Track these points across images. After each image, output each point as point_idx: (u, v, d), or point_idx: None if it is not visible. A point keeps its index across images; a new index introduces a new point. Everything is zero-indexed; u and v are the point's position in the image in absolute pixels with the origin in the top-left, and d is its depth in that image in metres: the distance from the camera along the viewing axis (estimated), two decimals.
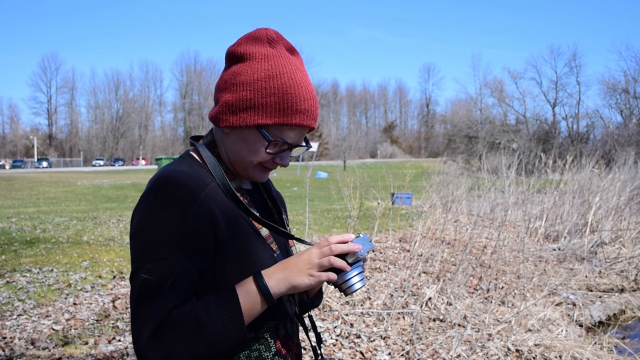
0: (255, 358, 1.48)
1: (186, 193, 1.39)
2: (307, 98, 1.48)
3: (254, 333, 1.47)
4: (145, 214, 1.40)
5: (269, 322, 1.50)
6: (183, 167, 1.49)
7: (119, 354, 5.04)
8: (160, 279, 1.32)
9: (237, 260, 1.44)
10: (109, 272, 7.89)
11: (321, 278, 1.38)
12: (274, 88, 1.45)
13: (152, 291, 1.32)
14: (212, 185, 1.46)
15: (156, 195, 1.40)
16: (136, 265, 1.37)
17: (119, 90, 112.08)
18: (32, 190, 26.79)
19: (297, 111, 1.47)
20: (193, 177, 1.44)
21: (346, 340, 5.59)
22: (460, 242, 9.44)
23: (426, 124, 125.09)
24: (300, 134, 1.52)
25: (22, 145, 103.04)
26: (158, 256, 1.34)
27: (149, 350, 1.28)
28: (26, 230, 11.29)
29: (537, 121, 63.53)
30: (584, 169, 15.27)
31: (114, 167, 74.07)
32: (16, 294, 6.65)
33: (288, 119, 1.46)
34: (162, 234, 1.35)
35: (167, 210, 1.37)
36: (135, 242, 1.40)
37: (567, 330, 6.42)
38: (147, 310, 1.31)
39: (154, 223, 1.37)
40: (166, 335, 1.29)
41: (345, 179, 10.17)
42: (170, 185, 1.41)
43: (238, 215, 1.49)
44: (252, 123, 1.46)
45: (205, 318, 1.31)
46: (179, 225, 1.36)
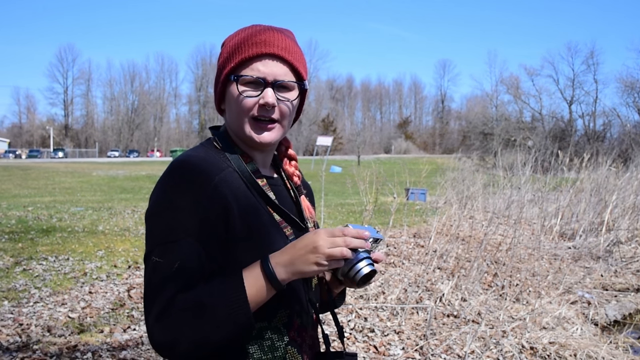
0: (268, 347, 1.47)
1: (199, 177, 1.40)
2: (267, 32, 1.51)
3: (266, 322, 1.46)
4: (158, 197, 1.41)
5: (282, 311, 1.49)
6: (199, 152, 1.50)
7: (134, 342, 5.07)
8: (170, 262, 1.33)
9: (250, 246, 1.43)
10: (124, 261, 7.94)
11: (330, 267, 1.35)
12: (232, 42, 1.54)
13: (161, 274, 1.34)
14: (227, 170, 1.47)
15: (170, 179, 1.42)
16: (148, 247, 1.39)
17: (134, 82, 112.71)
18: (48, 180, 27.02)
19: (254, 43, 1.49)
20: (208, 162, 1.45)
21: (360, 334, 5.59)
22: (475, 238, 9.40)
23: (441, 120, 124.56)
24: (271, 65, 1.50)
25: (39, 136, 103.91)
26: (169, 239, 1.35)
27: (155, 332, 1.31)
28: (42, 219, 11.38)
29: (553, 119, 63.08)
30: (600, 168, 15.14)
31: (129, 159, 74.46)
32: (33, 282, 6.71)
33: (245, 52, 1.49)
34: (174, 218, 1.36)
35: (179, 193, 1.38)
36: (148, 224, 1.42)
37: (582, 329, 6.37)
38: (155, 293, 1.33)
39: (166, 206, 1.38)
40: (170, 319, 1.30)
41: (361, 173, 10.15)
42: (184, 169, 1.42)
43: (253, 200, 1.49)
44: (223, 78, 1.53)
45: (209, 302, 1.31)
46: (191, 209, 1.37)
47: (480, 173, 18.69)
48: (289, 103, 1.53)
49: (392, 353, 5.19)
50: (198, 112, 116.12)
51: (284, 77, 1.51)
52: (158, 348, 1.33)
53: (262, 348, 1.46)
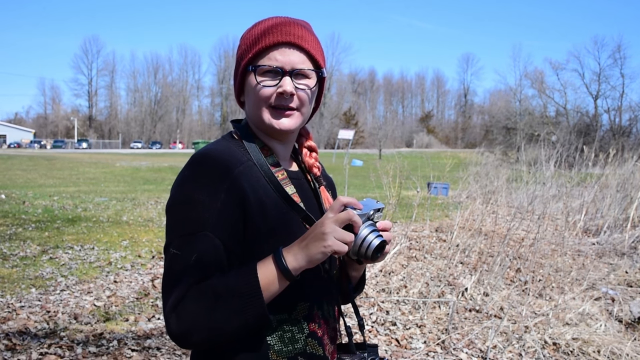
0: (288, 339, 1.48)
1: (218, 170, 1.41)
2: (283, 23, 1.53)
3: (287, 314, 1.48)
4: (178, 189, 1.43)
5: (302, 303, 1.50)
6: (220, 145, 1.51)
7: (158, 331, 5.14)
8: (187, 255, 1.36)
9: (268, 239, 1.44)
10: (148, 252, 8.03)
11: (336, 247, 1.33)
12: (249, 34, 1.56)
13: (179, 266, 1.36)
14: (247, 163, 1.47)
15: (190, 172, 1.44)
16: (168, 238, 1.41)
17: (157, 74, 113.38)
18: (72, 170, 27.35)
19: (270, 33, 1.51)
20: (228, 155, 1.46)
21: (382, 327, 5.60)
22: (498, 233, 9.34)
23: (463, 114, 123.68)
24: (288, 54, 1.51)
25: (63, 126, 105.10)
26: (187, 231, 1.37)
27: (171, 321, 1.33)
28: (68, 208, 11.54)
29: (578, 113, 62.28)
30: (626, 163, 14.94)
31: (152, 150, 75.09)
32: (59, 270, 6.82)
33: (261, 42, 1.50)
34: (192, 210, 1.38)
35: (198, 186, 1.40)
36: (168, 216, 1.44)
37: (606, 325, 6.31)
38: (172, 284, 1.35)
39: (185, 199, 1.40)
40: (185, 309, 1.32)
41: (385, 167, 10.13)
42: (203, 162, 1.44)
43: (271, 194, 1.49)
44: (242, 69, 1.54)
45: (223, 293, 1.33)
46: (209, 202, 1.38)
47: (504, 168, 18.56)
48: (308, 90, 1.54)
49: (413, 346, 5.20)
50: (220, 105, 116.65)
51: (301, 65, 1.52)
52: (174, 337, 1.36)
53: (282, 340, 1.47)
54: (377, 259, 1.44)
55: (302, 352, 1.50)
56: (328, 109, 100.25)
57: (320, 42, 1.60)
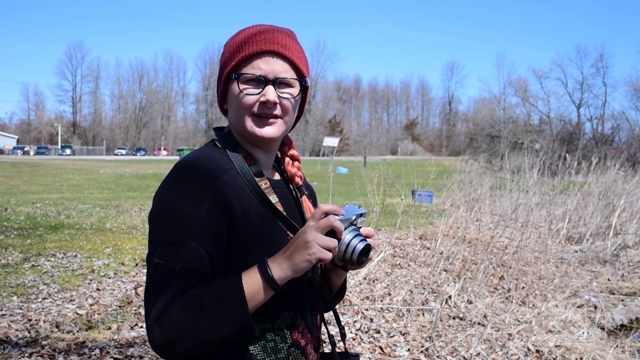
0: (271, 349, 1.47)
1: (202, 179, 1.41)
2: (268, 32, 1.53)
3: (269, 324, 1.47)
4: (162, 198, 1.42)
5: (285, 313, 1.50)
6: (203, 154, 1.50)
7: (141, 340, 5.10)
8: (171, 264, 1.34)
9: (252, 249, 1.44)
10: (132, 259, 7.98)
11: (320, 254, 1.34)
12: (233, 42, 1.56)
13: (163, 276, 1.35)
14: (231, 172, 1.47)
15: (173, 181, 1.43)
16: (151, 248, 1.40)
17: (142, 80, 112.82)
18: (55, 177, 27.11)
19: (255, 42, 1.51)
20: (212, 164, 1.45)
21: (366, 334, 5.60)
22: (481, 241, 9.39)
23: (448, 122, 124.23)
24: (272, 63, 1.51)
25: (47, 132, 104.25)
26: (171, 241, 1.36)
27: (154, 332, 1.32)
28: (51, 215, 11.44)
29: (561, 122, 62.88)
30: (608, 171, 15.09)
31: (136, 157, 74.66)
32: (41, 278, 6.75)
33: (245, 51, 1.50)
34: (176, 219, 1.37)
35: (182, 195, 1.39)
36: (151, 225, 1.43)
37: (588, 333, 6.37)
38: (156, 294, 1.34)
39: (169, 208, 1.39)
40: (170, 319, 1.31)
41: (369, 174, 10.15)
42: (187, 171, 1.43)
43: (255, 204, 1.49)
44: (224, 77, 1.54)
45: (209, 302, 1.32)
46: (193, 212, 1.37)
47: (487, 176, 18.67)
48: (292, 99, 1.54)
49: (397, 354, 5.20)
50: (205, 111, 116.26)
51: (284, 74, 1.52)
52: (157, 348, 1.34)
53: (265, 349, 1.47)
54: (363, 264, 1.45)
55: None
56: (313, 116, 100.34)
57: (304, 51, 1.61)
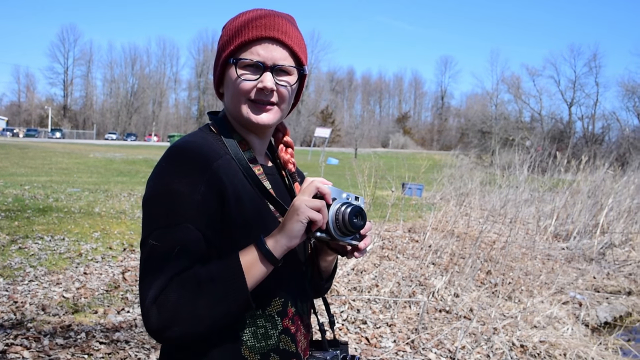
0: (262, 335, 1.47)
1: (197, 162, 1.40)
2: (268, 17, 1.52)
3: (260, 310, 1.47)
4: (156, 182, 1.41)
5: (276, 299, 1.50)
6: (197, 138, 1.50)
7: (128, 324, 5.09)
8: (167, 246, 1.33)
9: (245, 234, 1.44)
10: (120, 244, 7.95)
11: (309, 213, 1.36)
12: (232, 25, 1.54)
13: (159, 257, 1.33)
14: (225, 157, 1.46)
15: (168, 164, 1.42)
16: (146, 231, 1.38)
17: (135, 65, 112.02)
18: (44, 160, 26.95)
19: (254, 27, 1.50)
20: (206, 148, 1.45)
21: (352, 325, 5.62)
22: (470, 236, 9.43)
23: (440, 116, 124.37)
24: (271, 49, 1.50)
25: (37, 115, 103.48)
26: (167, 223, 1.35)
27: (152, 315, 1.30)
28: (39, 198, 11.38)
29: (553, 120, 63.03)
30: (598, 170, 15.18)
31: (126, 142, 74.25)
32: (28, 260, 6.72)
33: (244, 35, 1.49)
34: (171, 202, 1.36)
35: (177, 178, 1.38)
36: (146, 209, 1.41)
37: (572, 329, 6.42)
38: (152, 276, 1.32)
39: (164, 191, 1.38)
40: (167, 300, 1.29)
41: (360, 166, 10.16)
42: (182, 154, 1.43)
43: (249, 189, 1.49)
44: (222, 60, 1.53)
45: (206, 280, 1.31)
46: (189, 194, 1.36)
47: (478, 171, 18.73)
48: (289, 87, 1.54)
49: (383, 345, 5.23)
50: (197, 99, 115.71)
51: (283, 61, 1.51)
52: (154, 331, 1.32)
53: (255, 335, 1.46)
54: (360, 227, 1.44)
55: (274, 349, 1.49)
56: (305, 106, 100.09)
57: (303, 38, 1.60)
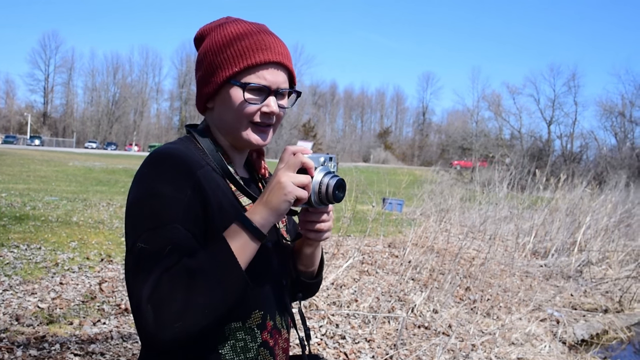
0: (241, 348, 1.46)
1: (182, 168, 1.39)
2: (267, 37, 1.52)
3: (240, 323, 1.46)
4: (141, 186, 1.39)
5: (256, 312, 1.49)
6: (180, 146, 1.49)
7: (103, 336, 5.02)
8: (157, 246, 1.30)
9: None
10: (97, 254, 7.86)
11: (296, 192, 1.36)
12: (230, 40, 1.51)
13: (149, 258, 1.29)
14: (207, 167, 1.46)
15: (152, 168, 1.40)
16: (132, 237, 1.34)
17: (117, 74, 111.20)
18: (22, 167, 26.63)
19: (259, 49, 1.49)
20: (189, 156, 1.44)
21: (331, 340, 5.59)
22: (449, 252, 9.46)
23: (421, 132, 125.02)
24: (276, 74, 1.51)
25: (16, 122, 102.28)
26: (154, 225, 1.32)
27: (147, 315, 1.24)
28: (16, 206, 11.23)
29: (532, 138, 63.78)
30: (576, 189, 15.35)
31: (106, 151, 73.66)
32: (3, 269, 6.61)
33: (252, 59, 1.48)
34: (158, 204, 1.34)
35: (164, 182, 1.37)
36: (130, 214, 1.39)
37: (550, 347, 6.45)
38: (143, 277, 1.27)
39: (150, 194, 1.36)
40: (161, 297, 1.24)
41: None
42: (166, 159, 1.41)
43: (231, 199, 1.49)
44: (222, 79, 1.50)
45: (198, 269, 1.27)
46: (175, 196, 1.35)
47: (458, 187, 18.84)
48: (284, 110, 1.56)
49: None
50: (179, 109, 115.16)
51: (284, 85, 1.54)
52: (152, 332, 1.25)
53: (234, 349, 1.45)
54: (341, 199, 1.45)
55: None
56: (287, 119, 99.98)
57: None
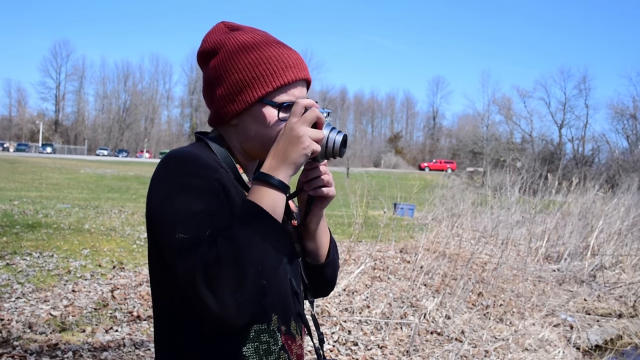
0: (264, 351, 1.45)
1: (202, 162, 1.40)
2: (290, 53, 1.53)
3: (265, 325, 1.45)
4: (166, 184, 1.38)
5: (275, 316, 1.48)
6: (196, 149, 1.48)
7: (116, 344, 5.03)
8: (197, 233, 1.28)
9: None
10: (109, 261, 7.88)
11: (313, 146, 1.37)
12: (257, 58, 1.50)
13: (191, 246, 1.27)
14: (222, 171, 1.45)
15: (173, 167, 1.40)
16: (170, 232, 1.31)
17: (128, 81, 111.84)
18: (35, 175, 26.82)
19: (288, 67, 1.50)
20: (206, 158, 1.44)
21: (343, 347, 5.57)
22: (461, 257, 9.42)
23: (432, 136, 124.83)
24: (302, 90, 1.53)
25: (28, 130, 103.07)
26: (190, 214, 1.31)
27: (209, 299, 1.22)
28: (28, 214, 11.29)
29: (543, 141, 63.38)
30: (588, 192, 15.25)
31: (118, 158, 74.03)
32: (16, 277, 6.64)
33: (283, 78, 1.49)
34: (188, 196, 1.34)
35: (187, 175, 1.36)
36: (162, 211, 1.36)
37: (564, 352, 6.39)
38: (191, 264, 1.25)
39: (178, 188, 1.35)
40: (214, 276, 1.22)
41: (352, 186, 10.16)
42: (185, 157, 1.41)
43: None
44: (254, 99, 1.49)
45: (238, 235, 1.26)
46: (203, 186, 1.35)
47: (469, 192, 18.76)
48: None
49: None
50: (190, 116, 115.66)
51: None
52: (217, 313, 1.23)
53: (257, 351, 1.44)
54: (343, 154, 1.48)
55: None
56: None
57: None
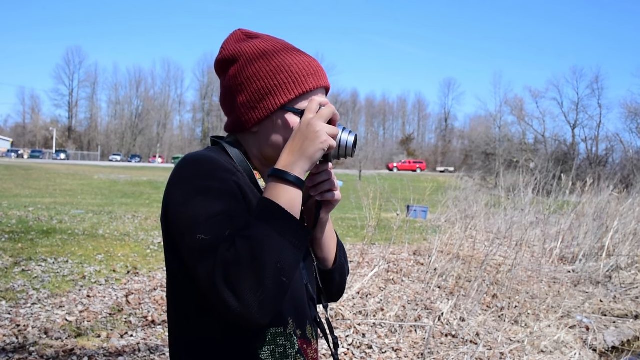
0: (280, 354, 1.45)
1: (219, 165, 1.40)
2: (311, 61, 1.54)
3: (282, 328, 1.45)
4: (184, 186, 1.38)
5: (290, 319, 1.48)
6: (213, 153, 1.48)
7: (131, 349, 5.04)
8: (216, 234, 1.28)
9: None
10: (123, 267, 7.92)
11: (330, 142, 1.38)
12: (279, 66, 1.50)
13: (211, 246, 1.27)
14: (239, 174, 1.46)
15: (190, 169, 1.39)
16: (190, 234, 1.31)
17: (140, 87, 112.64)
18: (49, 181, 27.02)
19: (309, 75, 1.51)
20: (223, 161, 1.44)
21: (358, 350, 5.56)
22: (475, 259, 9.37)
23: (444, 138, 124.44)
24: (323, 97, 1.53)
25: (42, 136, 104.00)
26: (209, 215, 1.31)
27: (230, 299, 1.22)
28: (43, 220, 11.37)
29: (556, 142, 63.00)
30: (602, 192, 15.14)
31: (131, 163, 74.40)
32: (31, 283, 6.69)
33: (305, 86, 1.50)
34: (207, 197, 1.34)
35: (205, 178, 1.37)
36: (181, 214, 1.36)
37: (580, 354, 6.34)
38: (212, 265, 1.25)
39: (196, 191, 1.35)
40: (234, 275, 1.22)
41: (365, 188, 10.14)
42: (202, 160, 1.41)
43: None
44: (276, 106, 1.49)
45: (254, 234, 1.25)
46: (221, 187, 1.36)
47: (482, 193, 18.68)
48: None
49: None
50: (202, 120, 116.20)
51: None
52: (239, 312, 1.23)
53: (274, 354, 1.44)
54: (353, 154, 1.50)
55: None
56: None
57: None
